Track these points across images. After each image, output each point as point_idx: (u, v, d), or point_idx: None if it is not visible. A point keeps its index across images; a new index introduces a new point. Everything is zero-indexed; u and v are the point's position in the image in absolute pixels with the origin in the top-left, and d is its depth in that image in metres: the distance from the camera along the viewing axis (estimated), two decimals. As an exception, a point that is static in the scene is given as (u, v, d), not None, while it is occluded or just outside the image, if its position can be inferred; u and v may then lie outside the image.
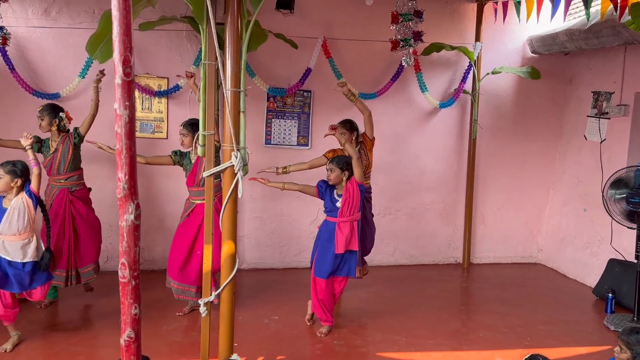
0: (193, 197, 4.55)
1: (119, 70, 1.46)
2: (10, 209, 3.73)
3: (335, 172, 4.17)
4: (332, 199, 4.24)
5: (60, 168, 4.56)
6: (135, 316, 1.57)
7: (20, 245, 3.75)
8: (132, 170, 1.51)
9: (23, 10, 5.27)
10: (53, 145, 4.58)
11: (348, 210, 4.19)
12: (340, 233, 4.17)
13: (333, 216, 4.24)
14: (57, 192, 4.55)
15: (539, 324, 4.69)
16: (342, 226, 4.19)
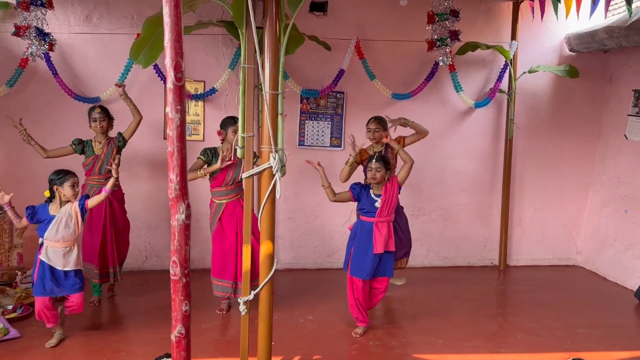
0: (220, 197, 4.59)
1: (170, 75, 1.50)
2: (59, 216, 3.86)
3: (382, 172, 4.16)
4: (369, 200, 4.24)
5: (102, 169, 4.72)
6: (186, 313, 1.61)
7: (62, 252, 3.88)
8: (183, 172, 1.56)
9: (65, 17, 5.44)
10: (97, 146, 4.75)
11: (387, 210, 4.20)
12: (378, 233, 4.17)
13: (370, 216, 4.23)
14: (96, 192, 4.69)
15: (578, 327, 4.60)
16: (380, 226, 4.19)
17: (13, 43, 5.26)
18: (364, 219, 4.29)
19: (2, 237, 4.64)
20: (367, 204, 4.24)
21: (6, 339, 3.94)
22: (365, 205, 4.26)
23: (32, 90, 5.47)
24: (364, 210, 4.28)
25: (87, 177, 4.77)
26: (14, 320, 4.26)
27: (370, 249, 4.18)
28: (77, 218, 3.91)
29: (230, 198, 4.59)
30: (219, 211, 4.61)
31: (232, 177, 4.57)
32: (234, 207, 4.58)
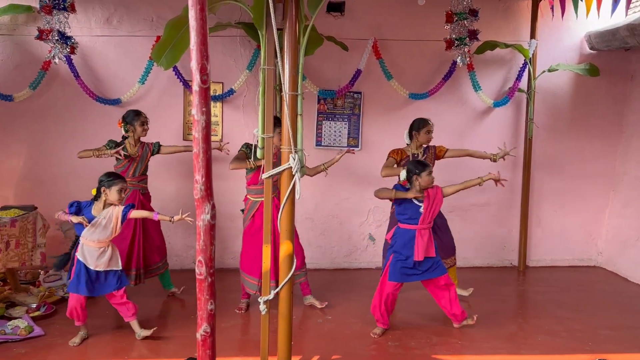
0: (255, 195, 4.61)
1: (196, 77, 1.53)
2: (99, 217, 3.93)
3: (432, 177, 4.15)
4: (413, 206, 4.17)
5: (137, 171, 4.85)
6: (211, 312, 1.64)
7: (97, 253, 3.95)
8: (209, 173, 1.58)
9: (87, 19, 5.53)
10: (132, 150, 4.83)
11: (430, 216, 4.18)
12: (421, 240, 4.15)
13: (413, 223, 4.18)
14: (129, 193, 4.80)
15: (600, 329, 4.54)
16: (422, 233, 4.18)
17: (36, 46, 5.35)
18: (405, 226, 4.22)
19: (26, 237, 4.72)
20: (411, 211, 4.18)
21: (31, 337, 4.01)
22: (409, 211, 4.19)
23: (54, 92, 5.57)
24: (407, 217, 4.21)
25: None
26: (38, 318, 4.34)
27: (411, 255, 4.17)
28: (116, 223, 3.97)
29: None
30: (253, 208, 4.64)
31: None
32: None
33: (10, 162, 5.61)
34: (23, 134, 5.58)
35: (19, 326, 4.04)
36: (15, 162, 5.61)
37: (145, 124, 4.82)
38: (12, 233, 4.52)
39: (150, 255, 4.96)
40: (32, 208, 4.91)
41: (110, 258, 4.01)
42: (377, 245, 6.25)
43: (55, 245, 5.66)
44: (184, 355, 3.78)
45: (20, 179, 5.63)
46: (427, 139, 4.88)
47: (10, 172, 5.62)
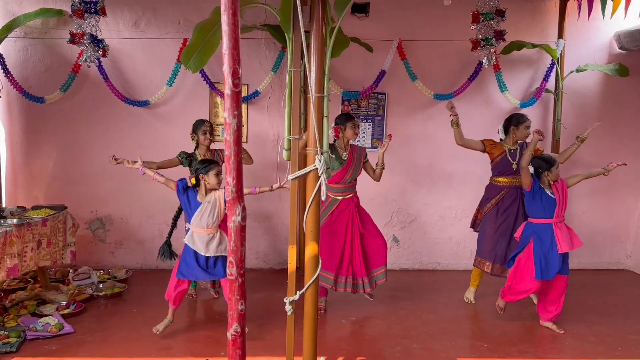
0: (335, 193, 4.66)
1: (228, 81, 1.55)
2: (205, 203, 4.04)
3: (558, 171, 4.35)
4: (547, 199, 4.32)
5: None
6: (242, 312, 1.66)
7: (206, 239, 4.05)
8: (239, 175, 1.60)
9: (115, 23, 5.64)
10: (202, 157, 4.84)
11: (562, 209, 4.33)
12: (560, 232, 4.27)
13: (547, 217, 4.31)
14: None
15: (630, 334, 4.45)
16: (559, 225, 4.31)
17: (66, 49, 5.48)
18: (538, 221, 4.36)
19: (57, 235, 4.83)
20: (542, 205, 4.31)
21: (61, 334, 4.11)
22: (539, 207, 4.32)
23: (84, 95, 5.69)
24: (539, 212, 4.34)
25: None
26: (68, 316, 4.44)
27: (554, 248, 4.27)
28: (220, 206, 4.05)
29: (345, 195, 4.67)
30: (332, 205, 4.68)
31: (350, 175, 4.66)
32: (347, 204, 4.67)
33: (41, 163, 5.75)
34: (53, 135, 5.72)
35: (49, 323, 4.14)
36: (45, 162, 5.75)
37: (208, 133, 4.82)
38: (44, 232, 4.63)
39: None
40: (62, 207, 5.03)
41: (219, 243, 4.08)
42: (401, 247, 6.23)
43: (84, 245, 5.79)
44: (211, 354, 3.83)
45: (51, 179, 5.77)
46: (525, 135, 4.86)
47: (41, 172, 5.76)
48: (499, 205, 4.93)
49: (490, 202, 4.98)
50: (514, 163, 4.84)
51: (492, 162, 4.98)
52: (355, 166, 4.65)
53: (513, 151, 4.89)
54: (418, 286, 5.63)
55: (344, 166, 4.61)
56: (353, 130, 4.61)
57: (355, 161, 4.66)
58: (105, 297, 4.96)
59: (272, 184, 4.31)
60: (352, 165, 4.64)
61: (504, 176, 4.92)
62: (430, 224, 6.23)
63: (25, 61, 5.60)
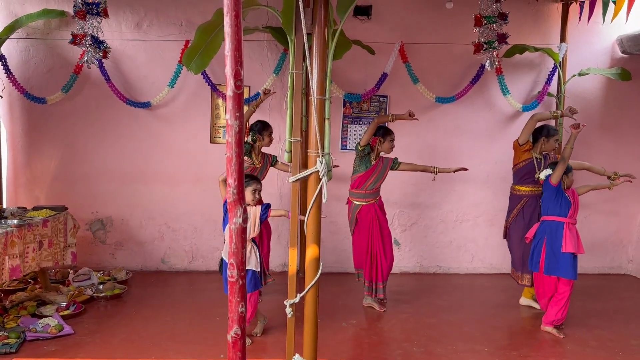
0: (357, 198, 4.86)
1: (230, 83, 1.54)
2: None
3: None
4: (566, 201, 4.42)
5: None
6: (242, 314, 1.65)
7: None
8: (241, 176, 1.60)
9: (117, 24, 5.64)
10: (257, 159, 4.89)
11: (575, 212, 4.44)
12: (569, 233, 4.37)
13: (562, 216, 4.40)
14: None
15: (631, 339, 4.44)
16: (571, 227, 4.41)
17: (68, 50, 5.49)
18: (554, 218, 4.42)
19: (58, 236, 4.83)
20: (564, 203, 4.39)
21: (61, 335, 4.10)
22: (560, 204, 4.40)
23: (85, 95, 5.70)
24: (556, 210, 4.42)
25: None
26: (68, 317, 4.43)
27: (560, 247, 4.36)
28: (254, 221, 3.99)
29: (368, 201, 4.83)
30: (355, 211, 4.87)
31: (372, 182, 4.82)
32: (368, 210, 4.83)
33: (43, 163, 5.75)
34: (55, 136, 5.72)
35: (49, 324, 4.13)
36: (47, 163, 5.75)
37: (272, 135, 4.89)
38: (45, 233, 4.63)
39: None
40: (62, 208, 5.03)
41: (249, 257, 4.04)
42: (402, 250, 6.22)
43: (85, 246, 5.79)
44: (211, 356, 3.82)
45: (52, 180, 5.77)
46: (553, 147, 4.97)
47: (43, 172, 5.76)
48: (521, 215, 4.99)
49: (512, 213, 5.05)
50: (538, 172, 4.85)
51: (515, 166, 5.00)
52: (379, 174, 4.84)
53: (539, 161, 4.92)
54: (419, 290, 5.61)
55: (369, 170, 4.79)
56: (390, 145, 4.82)
57: (381, 169, 4.84)
58: (105, 298, 4.96)
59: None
60: (376, 172, 4.83)
61: (525, 185, 4.97)
62: (432, 227, 6.22)
63: (27, 62, 5.61)
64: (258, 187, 4.03)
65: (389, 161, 4.88)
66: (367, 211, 4.83)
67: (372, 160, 4.82)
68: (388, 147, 4.82)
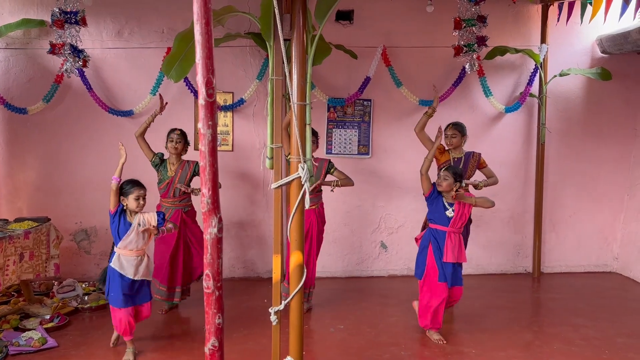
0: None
1: (202, 91, 1.53)
2: (133, 225, 3.87)
3: (449, 181, 4.21)
4: (441, 207, 4.29)
5: (177, 192, 4.81)
6: (219, 325, 1.63)
7: (135, 262, 3.90)
8: (215, 186, 1.59)
9: (98, 32, 5.60)
10: (172, 168, 4.81)
11: (459, 222, 4.26)
12: (450, 242, 4.24)
13: (442, 225, 4.28)
14: (172, 213, 4.81)
15: (617, 337, 4.47)
16: (452, 236, 4.26)
17: (48, 60, 5.43)
18: (434, 226, 4.33)
19: (40, 248, 4.77)
20: (438, 213, 4.28)
21: (44, 349, 4.04)
22: (436, 213, 4.30)
23: (67, 105, 5.64)
24: (434, 220, 4.33)
25: (162, 199, 4.87)
26: (52, 329, 4.37)
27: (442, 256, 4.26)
28: (149, 228, 3.91)
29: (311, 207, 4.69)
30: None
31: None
32: (308, 215, 4.71)
33: (24, 174, 5.68)
34: (37, 146, 5.65)
35: (32, 338, 4.07)
36: (29, 174, 5.68)
37: (175, 141, 4.74)
38: (26, 245, 4.57)
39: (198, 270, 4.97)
40: (45, 219, 4.96)
41: (147, 267, 3.98)
42: (389, 253, 6.22)
43: (69, 257, 5.72)
44: (196, 366, 3.78)
45: (34, 191, 5.70)
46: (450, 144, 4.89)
47: (24, 183, 5.69)
48: None
49: None
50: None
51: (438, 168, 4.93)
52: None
53: (456, 160, 4.89)
54: (406, 292, 5.60)
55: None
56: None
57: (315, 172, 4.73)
58: (91, 309, 4.90)
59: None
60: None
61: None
62: (418, 229, 6.19)
63: (7, 72, 5.54)
64: (141, 193, 3.86)
65: (324, 163, 4.82)
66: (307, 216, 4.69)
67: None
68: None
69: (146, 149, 4.76)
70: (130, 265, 3.88)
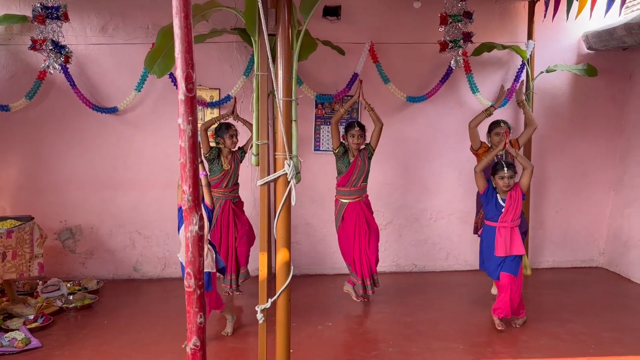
0: (343, 196, 4.93)
1: (181, 86, 1.50)
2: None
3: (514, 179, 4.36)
4: (497, 206, 4.43)
5: (230, 182, 4.98)
6: (201, 325, 1.60)
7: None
8: (196, 183, 1.55)
9: (82, 28, 5.52)
10: (225, 161, 4.96)
11: (511, 215, 4.39)
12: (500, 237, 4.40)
13: (494, 221, 4.44)
14: (221, 203, 4.95)
15: (604, 331, 4.49)
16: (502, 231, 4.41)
17: (31, 56, 5.34)
18: (489, 224, 4.46)
19: (23, 247, 4.70)
20: (492, 209, 4.41)
21: (28, 349, 3.99)
22: (491, 210, 4.42)
23: (50, 102, 5.56)
24: (489, 216, 4.46)
25: (215, 190, 4.91)
26: (35, 330, 4.31)
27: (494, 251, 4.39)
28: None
29: (354, 198, 4.90)
30: (342, 209, 4.93)
31: (355, 178, 4.89)
32: (354, 207, 4.92)
33: (7, 172, 5.60)
34: (20, 144, 5.57)
35: (16, 338, 4.01)
36: (12, 172, 5.60)
37: (235, 137, 4.92)
38: (9, 244, 4.50)
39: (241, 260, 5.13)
40: (28, 218, 4.89)
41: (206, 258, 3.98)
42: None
43: (54, 256, 5.65)
44: (182, 365, 3.75)
45: (18, 189, 5.61)
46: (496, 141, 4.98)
47: (7, 182, 5.60)
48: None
49: (481, 210, 5.09)
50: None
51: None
52: (359, 169, 4.91)
53: (499, 157, 4.97)
54: (394, 289, 5.61)
55: (350, 168, 4.87)
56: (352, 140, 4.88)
57: (361, 165, 4.91)
58: (75, 309, 4.84)
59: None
60: (358, 168, 4.90)
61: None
62: (406, 226, 6.23)
63: (-11, 68, 5.45)
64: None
65: (364, 152, 4.96)
66: (353, 209, 4.90)
67: (350, 158, 4.89)
68: (350, 142, 4.88)
69: (206, 142, 4.89)
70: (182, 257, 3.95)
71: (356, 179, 4.90)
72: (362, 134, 4.91)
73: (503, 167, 4.28)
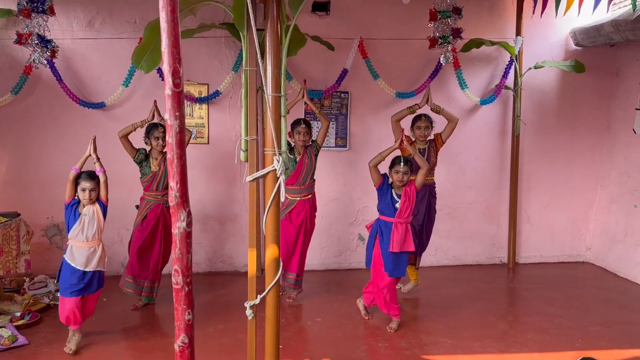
0: (293, 194, 4.85)
1: (168, 81, 1.48)
2: (82, 216, 3.87)
3: (408, 176, 4.29)
4: (391, 200, 4.34)
5: (160, 185, 4.76)
6: (189, 322, 1.59)
7: (86, 253, 3.87)
8: (183, 179, 1.54)
9: (68, 22, 5.44)
10: (154, 163, 4.75)
11: (405, 212, 4.30)
12: (396, 232, 4.29)
13: (390, 217, 4.33)
14: (152, 206, 4.77)
15: (590, 326, 4.55)
16: (398, 227, 4.30)
17: (17, 50, 5.26)
18: (383, 218, 4.37)
19: (10, 244, 4.65)
20: (386, 204, 4.34)
21: (15, 347, 3.94)
22: (385, 205, 4.35)
23: (36, 97, 5.48)
24: (382, 212, 4.38)
25: (146, 192, 4.80)
26: (22, 327, 4.26)
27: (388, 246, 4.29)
28: (99, 218, 3.89)
29: (303, 196, 4.87)
30: (290, 206, 4.86)
31: (303, 177, 4.84)
32: (303, 205, 4.88)
33: (-7, 168, 5.52)
34: (5, 140, 5.49)
35: (2, 335, 3.97)
36: (-3, 168, 5.52)
37: (160, 139, 4.65)
38: (-5, 241, 4.45)
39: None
40: (14, 215, 4.84)
41: (100, 258, 3.93)
42: (367, 246, 6.21)
43: (41, 252, 5.58)
44: (171, 362, 3.73)
45: (4, 185, 5.54)
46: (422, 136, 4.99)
47: (-7, 178, 5.53)
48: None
49: None
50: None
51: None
52: (307, 168, 4.85)
53: (421, 151, 4.98)
54: (384, 284, 5.62)
55: (297, 167, 4.81)
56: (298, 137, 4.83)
57: (308, 162, 4.85)
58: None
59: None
60: (305, 166, 4.83)
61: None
62: (395, 221, 6.24)
63: (-27, 63, 5.36)
64: (87, 185, 3.86)
65: (311, 149, 4.90)
66: (302, 206, 4.86)
67: (296, 156, 4.84)
68: (297, 139, 4.84)
69: (129, 148, 4.69)
70: (81, 256, 3.85)
71: (304, 178, 4.84)
72: (308, 131, 4.86)
73: (400, 162, 4.25)
